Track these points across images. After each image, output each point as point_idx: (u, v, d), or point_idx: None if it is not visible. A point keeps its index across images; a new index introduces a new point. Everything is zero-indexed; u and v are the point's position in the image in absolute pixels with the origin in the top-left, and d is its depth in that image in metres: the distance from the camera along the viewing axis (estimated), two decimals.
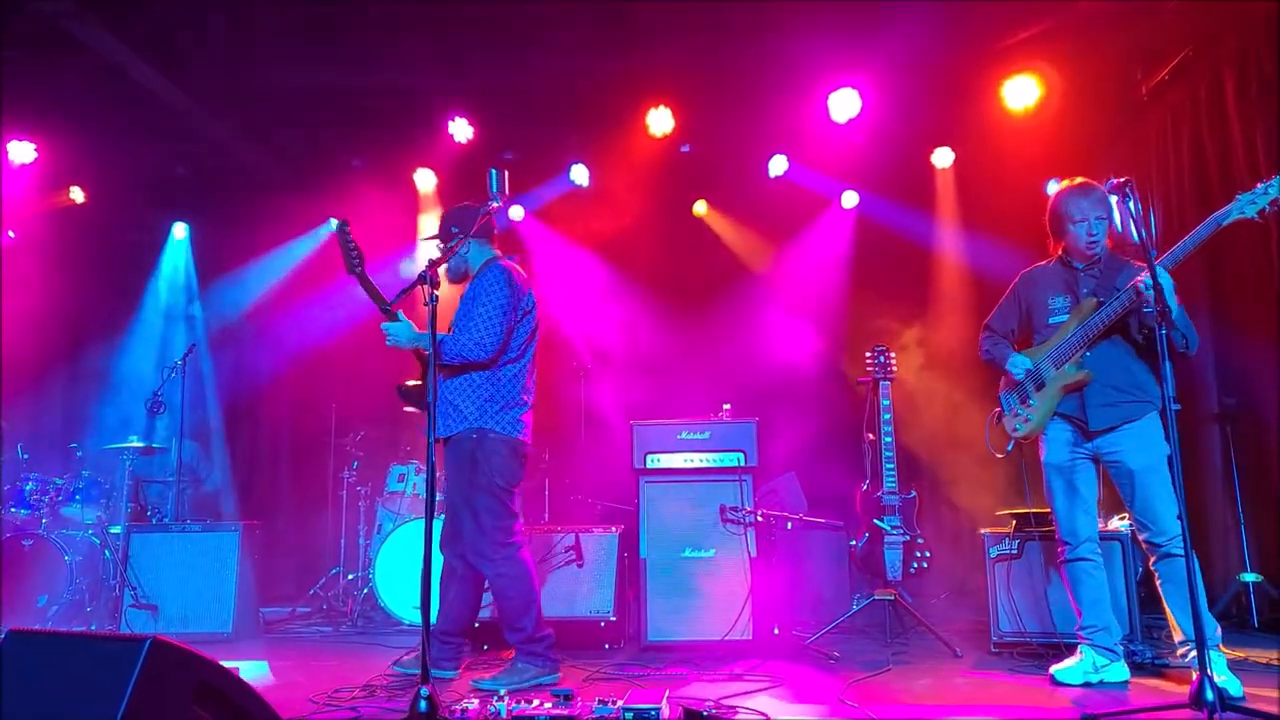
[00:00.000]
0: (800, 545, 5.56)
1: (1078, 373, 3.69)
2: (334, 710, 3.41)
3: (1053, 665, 3.76)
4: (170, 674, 2.22)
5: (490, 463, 3.84)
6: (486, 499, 3.84)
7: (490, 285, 3.89)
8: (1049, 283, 3.87)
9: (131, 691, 2.09)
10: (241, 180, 7.31)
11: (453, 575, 4.01)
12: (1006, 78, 6.01)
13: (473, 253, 4.07)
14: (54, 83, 6.03)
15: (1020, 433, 3.85)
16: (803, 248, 7.34)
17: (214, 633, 5.15)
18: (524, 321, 3.97)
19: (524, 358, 4.01)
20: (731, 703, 3.41)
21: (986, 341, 4.05)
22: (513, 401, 3.93)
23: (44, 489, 5.68)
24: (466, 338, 3.81)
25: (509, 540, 3.87)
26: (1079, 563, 3.78)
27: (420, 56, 5.97)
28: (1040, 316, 3.87)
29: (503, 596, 3.89)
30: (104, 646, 2.30)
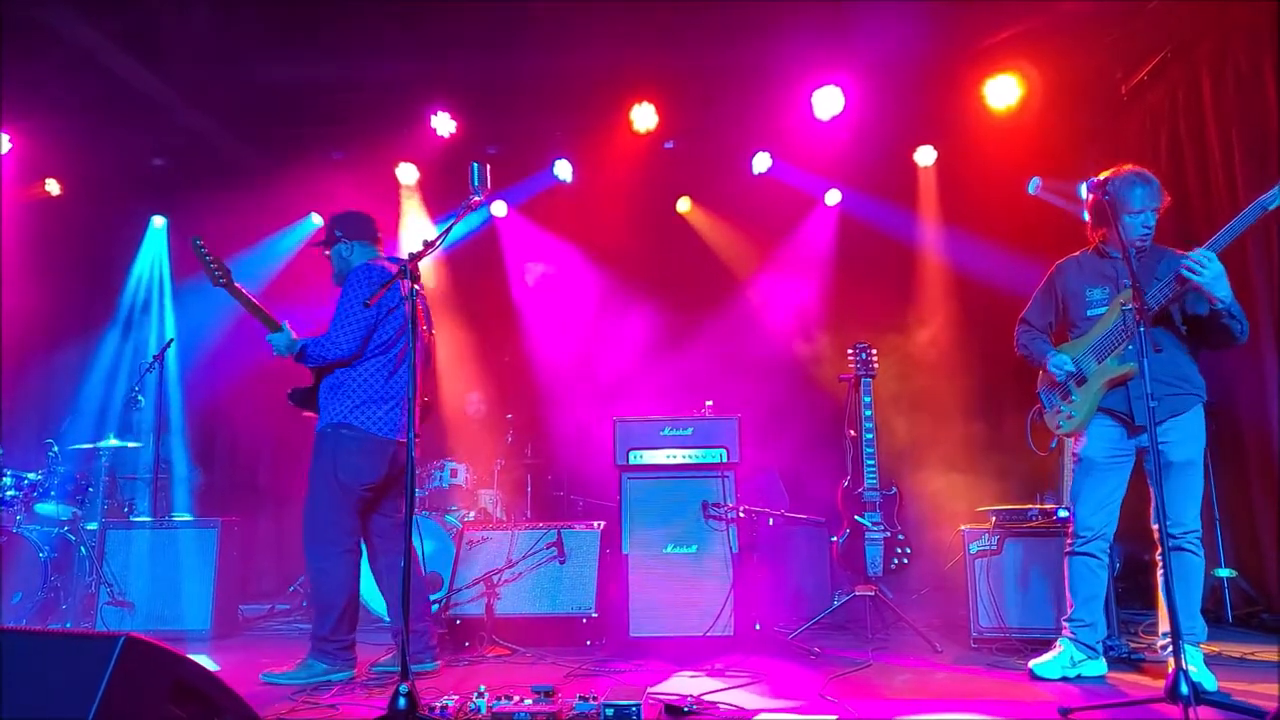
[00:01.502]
0: (782, 541, 5.57)
1: (1121, 366, 3.60)
2: (313, 708, 3.39)
3: (1031, 659, 3.78)
4: (145, 672, 2.19)
5: (337, 460, 3.90)
6: (326, 494, 3.91)
7: (350, 286, 3.97)
8: (1086, 274, 3.78)
9: (104, 690, 2.06)
10: (221, 173, 7.23)
11: (381, 574, 4.13)
12: (988, 77, 6.05)
13: (355, 254, 4.16)
14: (30, 72, 5.93)
15: (1065, 429, 3.78)
16: (786, 245, 7.37)
17: (192, 630, 5.10)
18: (389, 318, 3.99)
19: (389, 352, 4.02)
20: (712, 699, 3.41)
21: (1023, 336, 3.96)
22: (376, 396, 3.96)
23: (18, 485, 5.61)
24: (325, 339, 3.92)
25: (337, 539, 3.92)
26: (1087, 558, 3.74)
27: (403, 49, 5.93)
28: (1078, 309, 3.78)
29: (315, 591, 3.98)
30: (77, 644, 2.26)
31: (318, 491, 3.93)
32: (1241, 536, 5.14)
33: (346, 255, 4.16)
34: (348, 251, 4.16)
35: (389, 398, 3.98)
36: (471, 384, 7.01)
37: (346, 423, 3.92)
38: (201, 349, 7.55)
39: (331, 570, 3.91)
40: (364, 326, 3.92)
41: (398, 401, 3.99)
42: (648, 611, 4.64)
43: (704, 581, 4.64)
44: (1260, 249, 4.88)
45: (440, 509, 5.93)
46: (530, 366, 7.36)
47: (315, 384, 4.11)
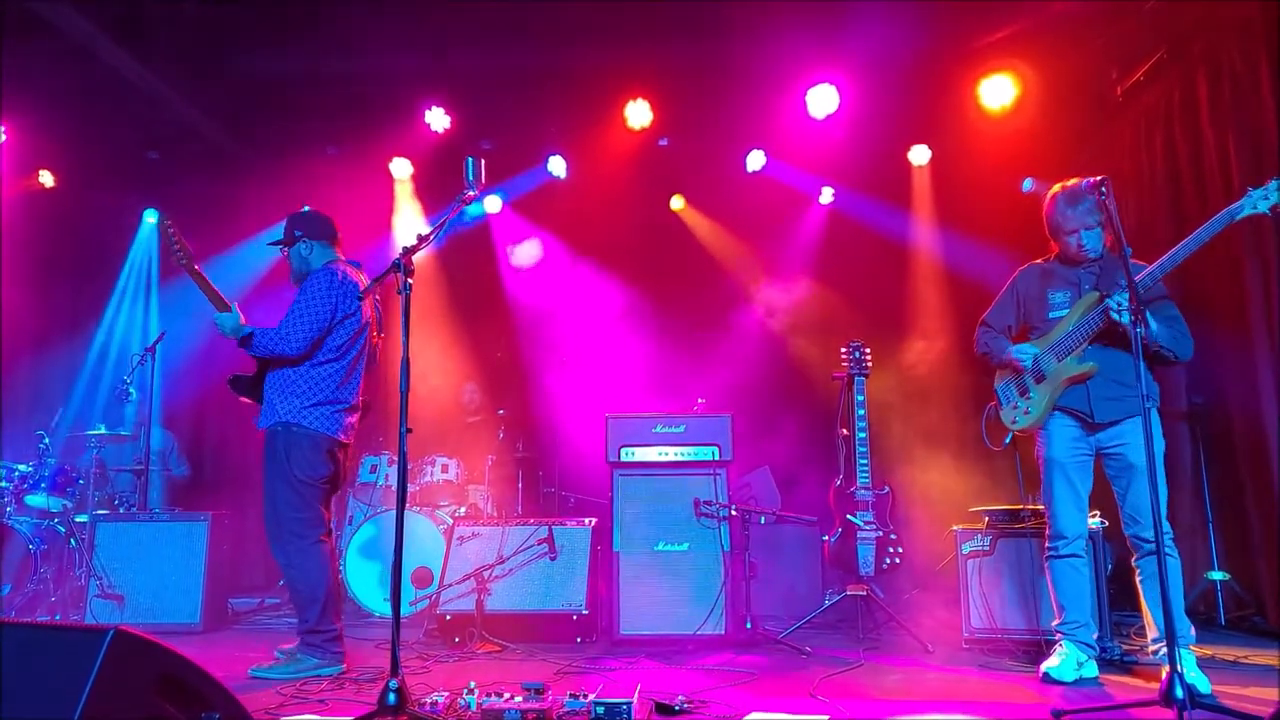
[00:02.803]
0: (773, 540, 5.58)
1: (1081, 365, 3.68)
2: (302, 702, 3.38)
3: (1043, 663, 3.73)
4: (134, 665, 2.18)
5: (291, 456, 3.96)
6: (285, 491, 3.96)
7: (310, 286, 4.00)
8: (1049, 278, 3.87)
9: (93, 683, 2.05)
10: (214, 166, 7.21)
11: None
12: (983, 77, 6.05)
13: (314, 255, 4.19)
14: (23, 64, 5.90)
15: (1019, 425, 3.85)
16: (779, 243, 7.38)
17: (182, 623, 5.09)
18: (345, 324, 4.04)
19: (344, 359, 4.07)
20: (703, 697, 3.41)
21: (984, 336, 4.04)
22: (327, 399, 4.02)
23: (9, 476, 5.58)
24: (276, 332, 3.94)
25: (304, 533, 3.97)
26: (1069, 559, 3.77)
27: (398, 44, 5.92)
28: (1039, 311, 3.86)
29: (291, 586, 4.02)
30: (65, 637, 2.25)
31: (276, 489, 3.98)
32: (1233, 539, 5.15)
33: (306, 255, 4.19)
34: (307, 251, 4.19)
35: (339, 402, 4.05)
36: (465, 378, 6.99)
37: (297, 423, 3.97)
38: (193, 342, 7.52)
39: (304, 563, 3.95)
40: (318, 328, 3.96)
41: (346, 405, 4.08)
42: (638, 609, 4.65)
43: (695, 580, 4.65)
44: (1251, 251, 4.88)
45: (430, 504, 5.91)
46: (522, 362, 7.34)
47: (258, 374, 4.13)
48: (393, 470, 6.09)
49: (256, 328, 3.96)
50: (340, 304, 4.00)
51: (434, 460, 6.10)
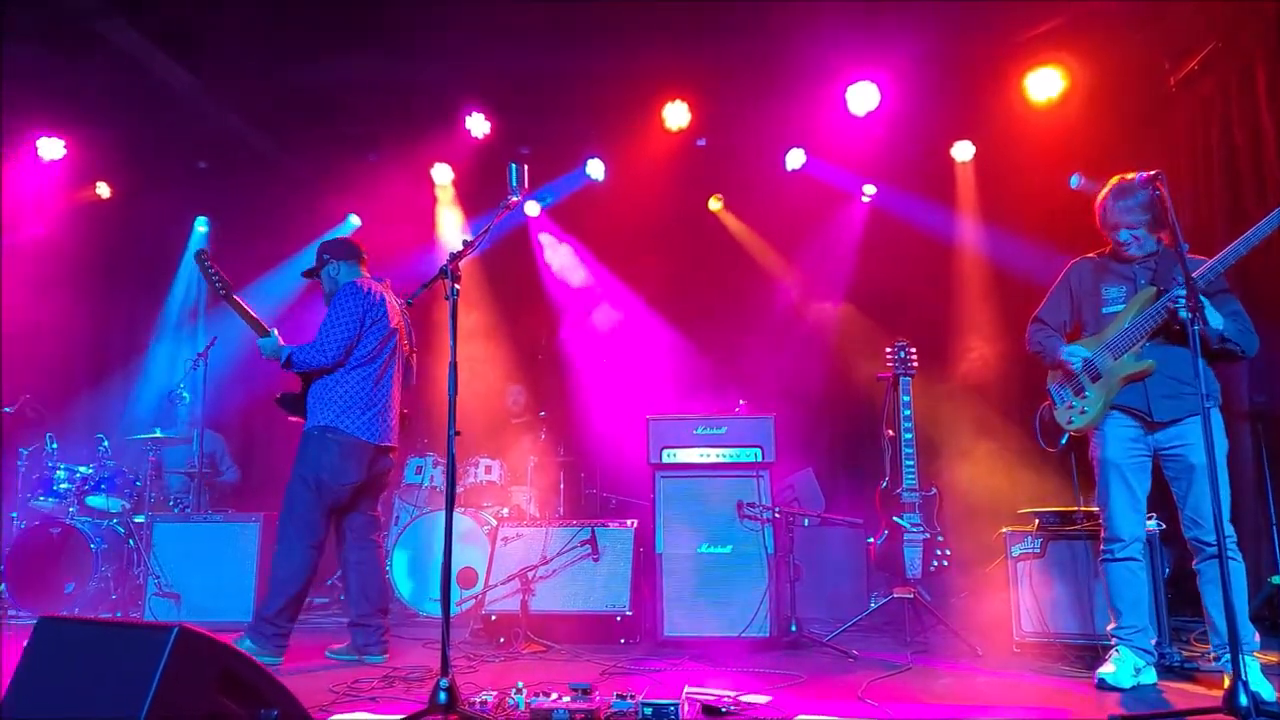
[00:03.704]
0: (817, 542, 5.54)
1: (1139, 363, 3.59)
2: (354, 700, 3.44)
3: (1098, 669, 3.65)
4: (196, 662, 2.24)
5: (319, 459, 4.17)
6: (300, 489, 4.18)
7: (338, 300, 4.26)
8: (1103, 273, 3.80)
9: (159, 678, 2.12)
10: (262, 175, 7.35)
11: (351, 566, 4.37)
12: (1029, 70, 5.95)
13: (342, 273, 4.46)
14: (81, 79, 6.09)
15: (1075, 425, 3.76)
16: (821, 242, 7.31)
17: (235, 621, 5.18)
18: (373, 331, 4.26)
19: (375, 362, 4.29)
20: (749, 699, 3.40)
21: (1037, 334, 3.96)
22: (362, 403, 4.23)
23: (71, 478, 5.76)
24: (311, 346, 4.21)
25: (303, 533, 4.17)
26: (1125, 562, 3.68)
27: (438, 51, 5.98)
28: (1093, 307, 3.79)
29: (274, 573, 4.22)
30: (132, 634, 2.32)
31: (296, 488, 4.20)
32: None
33: (335, 275, 4.47)
34: (335, 271, 4.47)
35: (372, 404, 4.25)
36: (506, 381, 7.05)
37: (332, 426, 4.18)
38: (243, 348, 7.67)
39: (291, 559, 4.17)
40: (347, 337, 4.20)
41: (382, 408, 4.27)
42: (682, 611, 4.65)
43: (739, 582, 4.64)
44: None
45: (474, 505, 5.97)
46: (563, 365, 7.39)
47: (303, 391, 4.36)
48: (437, 471, 6.16)
49: (294, 347, 4.22)
50: (367, 311, 4.25)
51: (478, 461, 6.16)
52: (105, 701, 2.19)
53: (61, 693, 2.30)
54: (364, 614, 4.30)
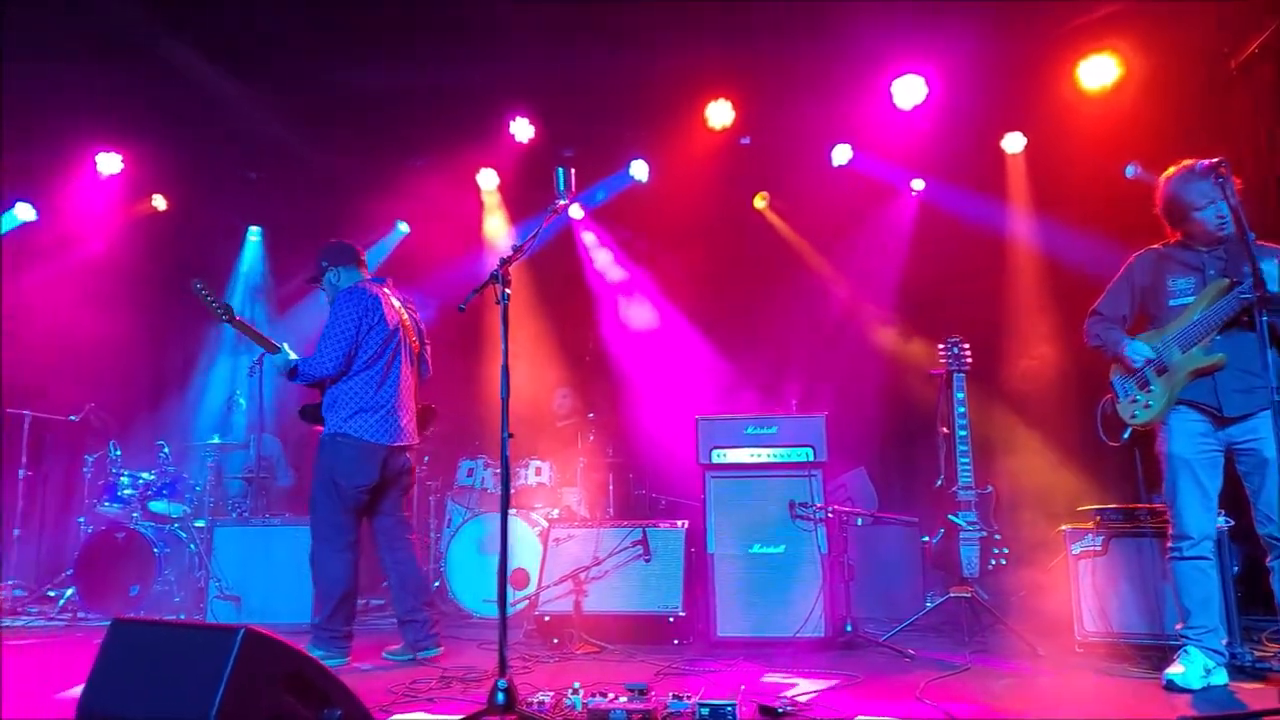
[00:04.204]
0: (871, 541, 5.48)
1: (1208, 357, 3.50)
2: (412, 700, 3.48)
3: (1166, 670, 3.55)
4: (262, 662, 2.29)
5: (333, 464, 4.28)
6: (321, 495, 4.30)
7: (334, 310, 4.34)
8: (1169, 264, 3.69)
9: (228, 678, 2.17)
10: (311, 183, 7.48)
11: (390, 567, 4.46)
12: (1082, 58, 5.83)
13: (342, 279, 4.53)
14: (136, 95, 6.25)
15: (1139, 420, 3.68)
16: (869, 238, 7.22)
17: (294, 623, 5.28)
18: (371, 335, 4.32)
19: (375, 365, 4.34)
20: (807, 700, 3.38)
21: (1096, 326, 3.87)
22: (366, 406, 4.31)
23: (134, 484, 5.92)
24: (312, 358, 4.31)
25: (332, 537, 4.28)
26: (1195, 561, 3.58)
27: (482, 57, 6.03)
28: (1159, 299, 3.69)
29: (315, 581, 4.33)
30: (201, 635, 2.38)
31: (318, 494, 4.32)
32: None
33: (335, 282, 4.54)
34: (335, 278, 4.54)
35: (379, 407, 4.33)
36: (554, 383, 7.08)
37: (342, 432, 4.28)
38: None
39: (328, 565, 4.28)
40: (345, 346, 4.27)
41: (387, 410, 4.34)
42: (735, 611, 4.63)
43: (792, 582, 4.60)
44: None
45: (525, 507, 6.01)
46: (610, 366, 7.40)
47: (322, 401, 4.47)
48: (488, 473, 6.21)
49: (299, 359, 4.33)
50: (363, 317, 4.31)
51: (528, 463, 6.20)
52: (176, 700, 2.25)
53: (134, 691, 2.37)
54: (409, 609, 4.38)
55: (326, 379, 4.34)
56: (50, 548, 7.04)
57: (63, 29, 5.50)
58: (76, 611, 5.73)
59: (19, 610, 5.98)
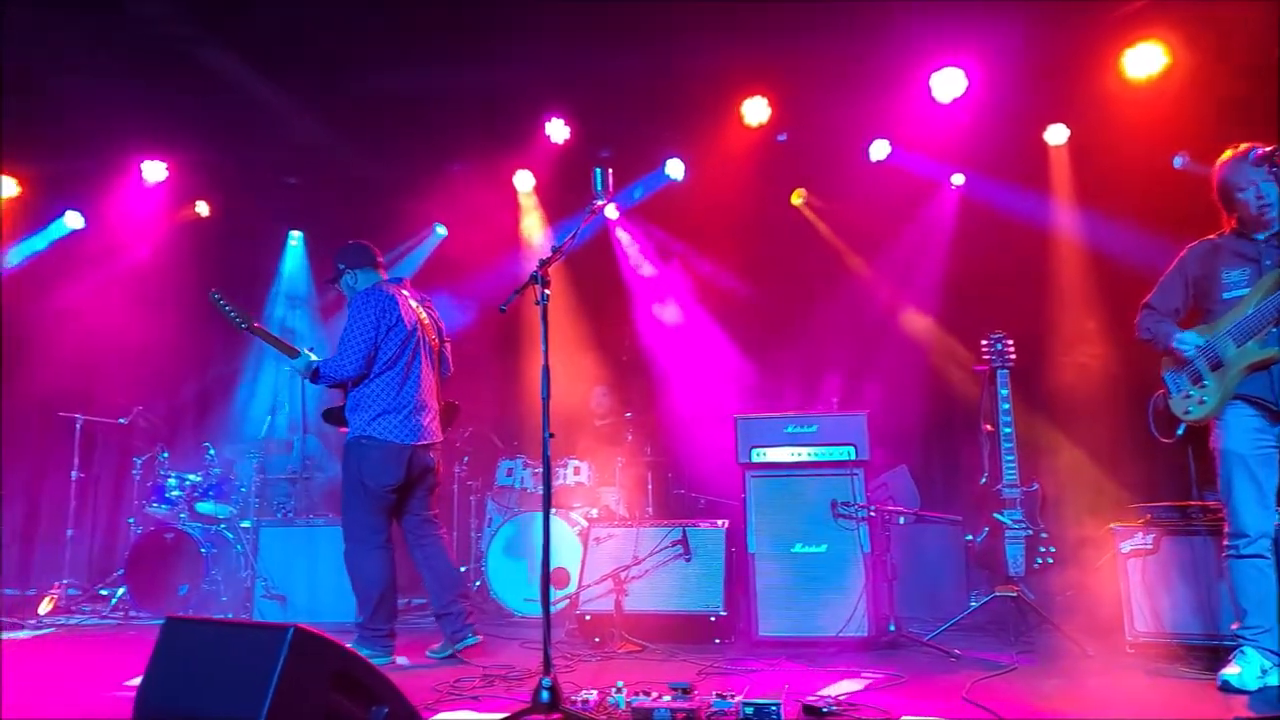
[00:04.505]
0: (914, 540, 5.42)
1: (1264, 351, 3.42)
2: (457, 699, 3.50)
3: (1221, 670, 3.47)
4: (311, 660, 2.32)
5: (360, 466, 4.32)
6: (351, 497, 4.36)
7: (352, 312, 4.38)
8: (1223, 256, 3.61)
9: (279, 676, 2.20)
10: (349, 187, 7.56)
11: (420, 564, 4.50)
12: (1127, 47, 5.70)
13: (359, 281, 4.57)
14: (179, 103, 6.37)
15: (1193, 416, 3.61)
16: (908, 233, 7.12)
17: (339, 622, 5.34)
18: (390, 336, 4.35)
19: (396, 366, 4.37)
20: (851, 699, 3.35)
21: (1147, 320, 3.79)
22: (389, 407, 4.34)
23: (181, 485, 6.03)
24: (333, 360, 4.36)
25: (366, 537, 4.33)
26: (1252, 559, 3.49)
27: (517, 59, 6.05)
28: (1212, 291, 3.61)
29: (353, 583, 4.38)
30: (251, 634, 2.42)
31: (348, 496, 4.38)
32: None
33: (353, 284, 4.58)
34: (353, 280, 4.59)
35: (401, 407, 4.35)
36: (592, 382, 7.09)
37: (367, 435, 4.32)
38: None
39: (364, 565, 4.33)
40: (365, 349, 4.30)
41: (410, 410, 4.36)
42: (777, 611, 4.61)
43: (835, 581, 4.57)
44: None
45: (564, 506, 6.03)
46: (648, 365, 7.40)
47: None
48: (528, 473, 6.25)
49: (321, 361, 4.38)
50: (381, 318, 4.33)
51: (566, 463, 6.22)
52: (229, 697, 2.29)
53: (189, 688, 2.41)
54: (444, 603, 4.42)
55: (348, 380, 4.39)
56: (102, 548, 7.22)
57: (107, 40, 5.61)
58: (128, 610, 5.85)
59: (73, 609, 6.11)
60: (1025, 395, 5.54)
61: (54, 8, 5.24)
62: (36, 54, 5.67)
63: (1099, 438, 5.71)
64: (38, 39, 5.52)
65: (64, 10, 5.27)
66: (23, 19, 5.31)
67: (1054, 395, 6.06)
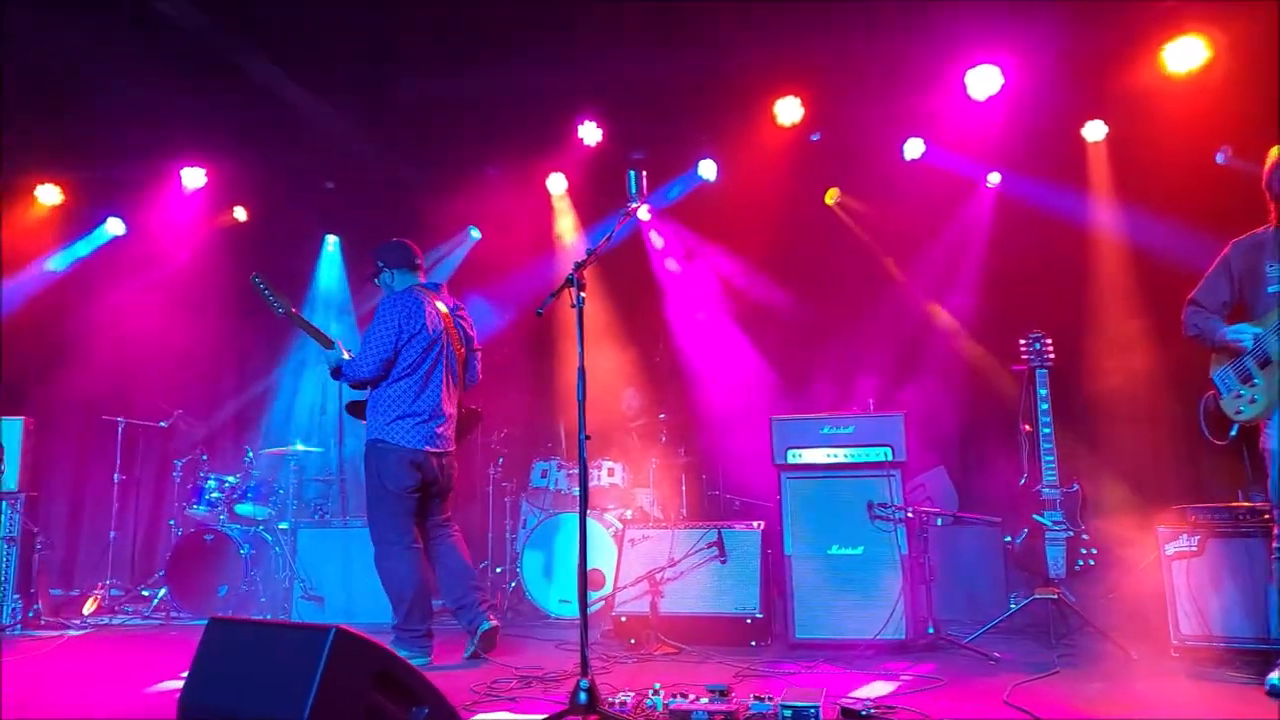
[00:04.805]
0: (951, 542, 5.36)
1: None
2: (494, 700, 3.52)
3: (1270, 674, 3.40)
4: (352, 661, 2.34)
5: (380, 469, 4.36)
6: (375, 500, 4.40)
7: (377, 315, 4.41)
8: (1269, 250, 3.54)
9: (321, 676, 2.22)
10: (385, 191, 7.63)
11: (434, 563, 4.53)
12: (1167, 40, 5.59)
13: (396, 281, 4.61)
14: (218, 110, 6.47)
15: (1245, 415, 3.54)
16: (944, 232, 7.03)
17: (375, 623, 5.39)
18: (412, 343, 4.38)
19: (416, 373, 4.40)
20: (889, 702, 3.32)
21: (1193, 316, 3.74)
22: (405, 413, 4.37)
23: (220, 487, 6.12)
24: (354, 360, 4.40)
25: (393, 539, 4.35)
26: None
27: (550, 62, 6.07)
28: (1257, 286, 3.55)
29: (384, 585, 4.40)
30: (293, 634, 2.45)
31: (372, 499, 4.42)
32: None
33: (389, 283, 4.62)
34: (389, 279, 4.62)
35: (417, 414, 4.38)
36: (625, 384, 7.09)
37: (381, 438, 4.37)
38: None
39: (394, 566, 4.35)
40: (384, 354, 4.33)
41: (425, 417, 4.40)
42: (813, 613, 4.59)
43: (872, 583, 4.54)
44: None
45: (598, 508, 6.03)
46: (681, 366, 7.38)
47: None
48: (562, 475, 6.26)
49: (344, 359, 4.42)
50: (404, 325, 4.36)
51: (600, 464, 6.22)
52: (271, 697, 2.32)
53: (232, 687, 2.45)
54: (457, 596, 4.45)
55: (366, 381, 4.43)
56: (143, 549, 7.34)
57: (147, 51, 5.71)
58: (170, 610, 5.94)
59: (116, 609, 6.23)
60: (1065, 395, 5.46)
61: (95, 19, 5.35)
62: (79, 65, 5.80)
63: (1141, 438, 5.61)
64: (79, 50, 5.64)
65: (106, 22, 5.37)
66: (66, 32, 5.43)
67: (1094, 395, 5.96)
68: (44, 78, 5.88)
